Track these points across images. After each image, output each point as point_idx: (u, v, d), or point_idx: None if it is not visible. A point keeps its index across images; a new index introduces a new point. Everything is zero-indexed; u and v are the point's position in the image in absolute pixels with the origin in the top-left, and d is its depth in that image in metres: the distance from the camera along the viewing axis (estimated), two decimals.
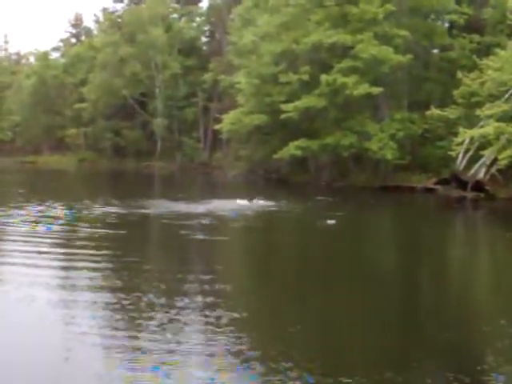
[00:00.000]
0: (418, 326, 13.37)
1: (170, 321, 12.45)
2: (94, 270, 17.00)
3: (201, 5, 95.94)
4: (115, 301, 13.76)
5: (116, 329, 11.98)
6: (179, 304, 13.68)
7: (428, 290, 17.74)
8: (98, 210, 30.85)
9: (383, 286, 17.23)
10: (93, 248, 20.20)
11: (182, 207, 32.77)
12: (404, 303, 15.63)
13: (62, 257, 19.40)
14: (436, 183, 50.49)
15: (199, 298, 14.23)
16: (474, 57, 52.04)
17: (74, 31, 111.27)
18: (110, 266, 17.87)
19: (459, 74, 50.73)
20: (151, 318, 12.56)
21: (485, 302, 16.66)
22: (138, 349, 10.82)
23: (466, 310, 15.40)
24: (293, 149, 54.84)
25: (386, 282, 17.87)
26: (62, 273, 17.31)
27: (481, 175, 47.48)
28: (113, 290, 14.79)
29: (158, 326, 12.02)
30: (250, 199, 35.97)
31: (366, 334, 12.62)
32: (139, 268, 17.16)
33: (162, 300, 13.84)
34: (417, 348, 11.86)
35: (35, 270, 16.78)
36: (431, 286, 18.13)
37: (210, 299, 14.10)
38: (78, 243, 21.32)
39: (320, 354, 11.13)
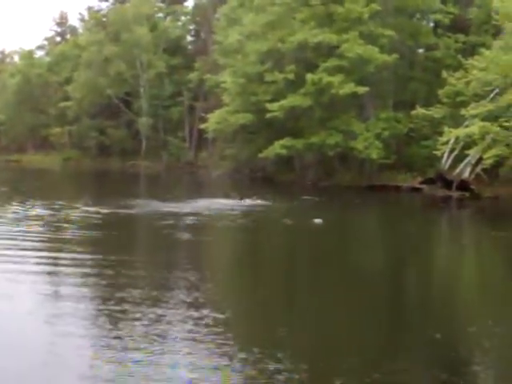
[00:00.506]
0: (405, 326, 13.32)
1: (156, 321, 12.36)
2: (76, 273, 16.63)
3: (186, 4, 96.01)
4: (99, 304, 13.60)
5: (101, 329, 11.86)
6: (165, 305, 13.59)
7: (414, 289, 17.72)
8: (80, 209, 30.32)
9: (370, 286, 17.18)
10: (73, 250, 19.72)
11: (167, 207, 32.55)
12: (391, 303, 15.59)
13: (42, 259, 18.49)
14: (421, 182, 50.55)
15: (186, 300, 14.12)
16: (459, 56, 52.10)
17: (58, 30, 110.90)
18: (92, 268, 17.42)
19: (444, 74, 50.85)
20: (137, 319, 12.44)
21: (471, 301, 16.64)
22: (124, 348, 10.72)
23: (453, 309, 15.35)
24: (278, 148, 54.82)
25: (372, 281, 17.81)
26: (43, 275, 16.72)
27: (466, 174, 47.60)
28: (97, 291, 14.64)
29: (144, 327, 11.90)
30: (241, 198, 35.88)
31: (353, 335, 12.57)
32: (121, 270, 16.74)
33: (148, 302, 13.63)
34: (404, 349, 11.82)
35: (12, 275, 15.98)
36: (417, 285, 18.12)
37: (196, 300, 13.99)
38: (57, 245, 20.90)
39: (307, 356, 11.04)
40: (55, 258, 18.73)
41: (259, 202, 35.98)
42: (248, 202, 35.61)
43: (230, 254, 23.12)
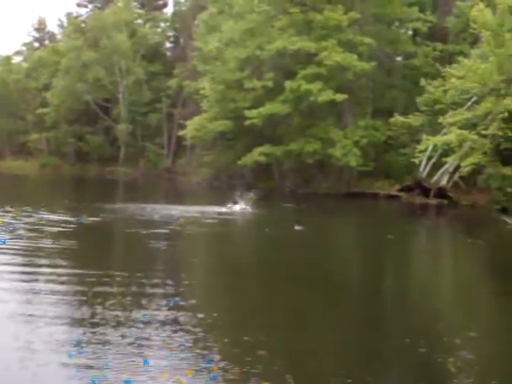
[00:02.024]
0: (382, 335, 13.31)
1: (132, 323, 12.29)
2: (46, 288, 15.72)
3: (165, 11, 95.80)
4: (70, 314, 13.41)
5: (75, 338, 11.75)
6: (140, 311, 13.52)
7: (391, 296, 17.70)
8: (54, 217, 29.41)
9: (346, 293, 17.21)
10: (41, 262, 18.91)
11: (145, 213, 32.47)
12: (368, 310, 15.53)
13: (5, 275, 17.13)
14: (399, 190, 50.75)
15: (161, 309, 14.04)
16: (438, 65, 52.41)
17: (37, 35, 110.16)
18: (65, 278, 16.74)
19: (423, 82, 51.07)
20: (113, 330, 12.34)
21: (447, 307, 16.66)
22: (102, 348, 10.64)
23: (429, 317, 15.37)
24: (257, 155, 54.85)
25: (348, 289, 17.85)
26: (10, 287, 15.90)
27: (444, 182, 47.84)
28: (68, 303, 14.41)
29: (121, 337, 11.79)
30: (233, 204, 35.72)
31: (330, 343, 12.51)
32: (94, 279, 16.33)
33: (122, 312, 13.40)
34: (380, 358, 11.79)
35: None
36: (394, 292, 18.13)
37: (172, 309, 13.88)
38: (28, 254, 19.99)
39: (282, 362, 10.99)
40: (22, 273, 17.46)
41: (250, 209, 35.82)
42: (237, 207, 35.43)
43: (205, 262, 23.02)
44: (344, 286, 18.03)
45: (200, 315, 13.28)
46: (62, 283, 16.03)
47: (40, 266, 18.43)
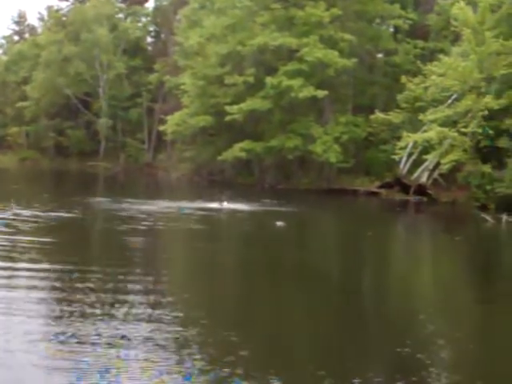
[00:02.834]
0: (360, 333, 13.29)
1: (112, 317, 12.25)
2: (24, 284, 15.61)
3: (147, 5, 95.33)
4: (47, 310, 13.31)
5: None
6: (119, 306, 13.49)
7: (369, 294, 17.75)
8: (31, 212, 28.83)
9: (326, 290, 17.21)
10: (20, 258, 18.66)
11: (124, 209, 32.32)
12: (346, 307, 15.57)
13: None
14: (379, 187, 50.87)
15: (140, 305, 14.00)
16: (419, 62, 52.56)
17: (17, 28, 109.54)
18: (42, 280, 16.24)
19: (403, 79, 51.25)
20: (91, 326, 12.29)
21: (423, 306, 16.69)
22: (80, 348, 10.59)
23: (406, 314, 15.43)
24: (237, 151, 54.78)
25: (329, 286, 17.88)
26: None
27: (424, 179, 48.01)
28: (44, 299, 14.25)
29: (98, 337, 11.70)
30: (221, 202, 35.46)
31: (307, 339, 12.50)
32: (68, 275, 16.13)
33: (99, 309, 13.23)
34: (358, 355, 11.80)
35: None
36: (373, 289, 18.19)
37: (149, 307, 13.81)
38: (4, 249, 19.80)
39: (255, 360, 10.97)
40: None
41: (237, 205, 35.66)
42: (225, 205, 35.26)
43: (186, 258, 22.99)
44: (323, 282, 18.03)
45: (177, 313, 13.27)
46: (39, 279, 15.88)
47: (16, 261, 18.26)
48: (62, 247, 21.34)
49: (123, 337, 11.29)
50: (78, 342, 10.88)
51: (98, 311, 12.89)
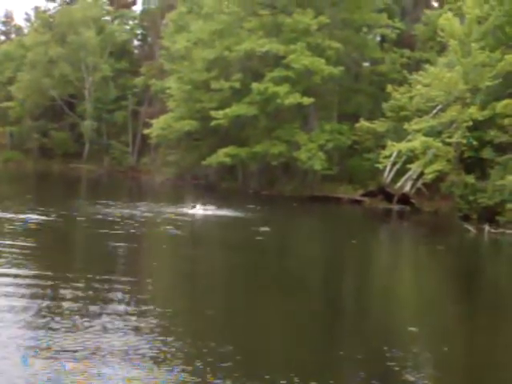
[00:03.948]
0: (337, 341, 13.32)
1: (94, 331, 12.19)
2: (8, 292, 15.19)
3: (134, 8, 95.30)
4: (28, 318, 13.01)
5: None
6: (99, 311, 13.42)
7: (352, 302, 17.79)
8: (10, 215, 28.07)
9: (309, 299, 17.18)
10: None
11: (106, 212, 32.18)
12: (326, 315, 15.58)
13: None
14: (363, 195, 50.96)
15: (121, 307, 13.95)
16: (405, 71, 52.76)
17: (3, 29, 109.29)
18: (21, 279, 16.11)
19: (389, 88, 51.36)
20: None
21: (404, 314, 16.74)
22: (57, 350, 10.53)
23: (387, 321, 15.46)
24: (222, 156, 54.77)
25: (312, 294, 17.89)
26: None
27: (407, 188, 48.14)
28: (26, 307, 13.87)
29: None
30: (193, 206, 35.21)
31: (288, 347, 12.47)
32: (49, 282, 15.92)
33: (79, 317, 13.03)
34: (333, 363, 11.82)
35: None
36: (355, 298, 18.23)
37: (131, 308, 13.77)
38: None
39: (233, 361, 10.95)
40: None
41: (214, 210, 35.44)
42: (199, 209, 34.96)
43: (166, 262, 22.92)
44: (306, 290, 18.02)
45: (159, 321, 13.20)
46: (19, 285, 15.54)
47: None
48: (40, 251, 21.01)
49: None
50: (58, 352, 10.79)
51: (75, 321, 12.76)
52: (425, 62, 52.72)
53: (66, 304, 13.81)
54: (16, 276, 16.29)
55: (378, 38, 63.17)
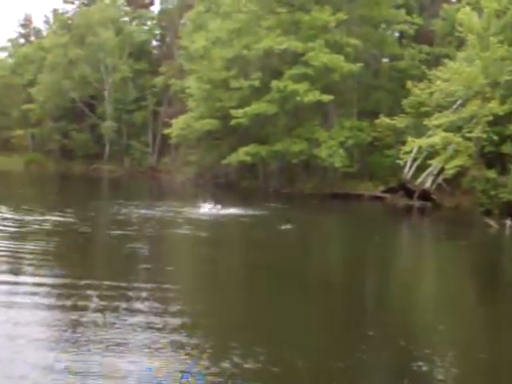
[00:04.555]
0: (363, 335, 13.31)
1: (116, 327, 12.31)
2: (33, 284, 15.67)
3: (152, 8, 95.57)
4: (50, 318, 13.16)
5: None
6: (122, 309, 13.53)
7: (375, 298, 17.78)
8: (33, 217, 28.14)
9: (332, 294, 17.24)
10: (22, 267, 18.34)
11: (127, 212, 32.25)
12: (351, 311, 15.58)
13: None
14: (384, 191, 50.88)
15: (146, 304, 14.07)
16: (424, 67, 52.61)
17: (22, 31, 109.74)
18: (45, 283, 16.00)
19: (408, 84, 51.20)
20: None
21: (428, 309, 16.73)
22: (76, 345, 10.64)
23: (413, 317, 15.48)
24: (242, 155, 54.84)
25: (335, 290, 17.90)
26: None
27: (428, 184, 48.00)
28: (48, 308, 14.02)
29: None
30: (213, 206, 34.97)
31: (309, 349, 12.40)
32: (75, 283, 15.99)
33: (101, 315, 13.11)
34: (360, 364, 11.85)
35: None
36: (374, 293, 18.23)
37: (157, 315, 13.85)
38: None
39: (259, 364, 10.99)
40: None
41: (234, 210, 35.34)
42: (220, 208, 34.71)
43: (191, 262, 22.98)
44: (330, 288, 18.01)
45: (184, 319, 13.28)
46: (44, 285, 15.60)
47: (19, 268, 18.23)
48: (62, 253, 21.11)
49: None
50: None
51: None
52: (444, 57, 52.51)
53: (91, 303, 13.92)
54: (41, 276, 16.48)
55: (397, 34, 63.00)
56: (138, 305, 13.98)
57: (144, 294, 15.06)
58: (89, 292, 14.79)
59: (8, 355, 10.36)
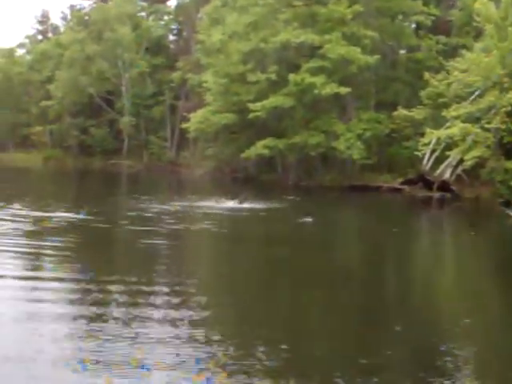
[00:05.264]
0: (385, 327, 13.33)
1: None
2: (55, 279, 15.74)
3: (169, 3, 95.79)
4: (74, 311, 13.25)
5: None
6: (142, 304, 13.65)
7: (396, 290, 17.78)
8: (55, 214, 27.70)
9: (353, 286, 17.28)
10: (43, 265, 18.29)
11: (145, 207, 32.25)
12: (371, 302, 15.59)
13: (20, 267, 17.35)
14: (402, 183, 50.81)
15: (166, 298, 14.18)
16: (441, 58, 52.50)
17: (40, 28, 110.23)
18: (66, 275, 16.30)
19: (426, 75, 51.08)
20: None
21: (449, 301, 16.73)
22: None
23: (431, 308, 15.50)
24: (260, 148, 54.91)
25: (356, 282, 17.95)
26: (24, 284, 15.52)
27: (447, 175, 47.91)
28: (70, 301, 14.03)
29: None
30: (234, 200, 34.87)
31: (331, 345, 12.23)
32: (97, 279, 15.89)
33: (119, 309, 13.23)
34: (380, 347, 11.88)
35: None
36: (400, 286, 18.22)
37: (174, 309, 13.94)
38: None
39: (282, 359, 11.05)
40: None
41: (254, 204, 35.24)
42: (239, 202, 34.55)
43: (214, 257, 23.07)
44: (353, 282, 18.02)
45: (205, 313, 13.38)
46: (65, 281, 15.71)
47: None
48: (82, 249, 21.04)
49: None
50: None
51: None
52: (461, 47, 52.41)
53: (113, 297, 14.05)
54: (62, 271, 16.63)
55: (414, 26, 62.79)
56: (158, 299, 14.08)
57: (164, 289, 15.16)
58: (110, 287, 14.88)
59: (30, 353, 10.42)
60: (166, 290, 15.12)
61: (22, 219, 25.91)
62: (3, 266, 16.78)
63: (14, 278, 15.71)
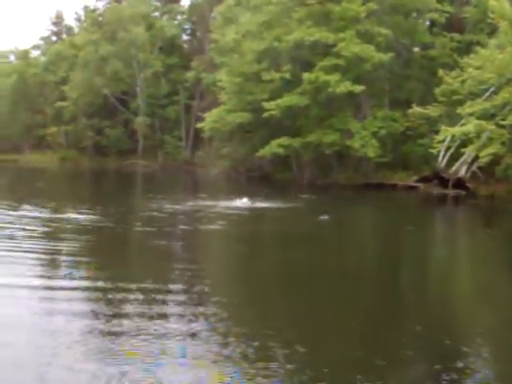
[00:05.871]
0: (400, 326, 13.39)
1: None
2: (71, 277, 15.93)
3: (182, 3, 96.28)
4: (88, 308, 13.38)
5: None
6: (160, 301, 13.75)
7: (409, 287, 17.77)
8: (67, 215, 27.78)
9: (369, 285, 17.27)
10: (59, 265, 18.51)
11: (161, 207, 32.32)
12: (387, 301, 15.63)
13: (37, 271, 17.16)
14: (417, 181, 50.75)
15: (184, 297, 14.28)
16: (455, 55, 52.39)
17: (54, 29, 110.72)
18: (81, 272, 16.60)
19: (440, 72, 50.97)
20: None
21: (465, 300, 16.75)
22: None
23: (446, 306, 15.51)
24: (275, 147, 54.92)
25: (371, 280, 17.91)
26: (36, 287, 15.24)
27: (462, 173, 47.84)
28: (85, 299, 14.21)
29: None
30: (249, 199, 34.73)
31: (346, 346, 12.23)
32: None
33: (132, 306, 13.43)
34: (396, 345, 11.93)
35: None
36: (411, 281, 18.21)
37: (194, 297, 14.07)
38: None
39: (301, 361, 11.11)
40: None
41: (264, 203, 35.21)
42: (255, 201, 34.57)
43: (231, 255, 23.15)
44: (370, 281, 17.97)
45: (222, 310, 13.48)
46: (83, 280, 15.80)
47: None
48: (97, 250, 21.21)
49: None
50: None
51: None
52: (475, 44, 52.25)
53: (130, 295, 14.13)
54: (79, 272, 16.71)
55: (428, 23, 62.61)
56: (175, 298, 14.20)
57: (180, 288, 15.31)
58: (127, 286, 15.00)
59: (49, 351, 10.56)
60: (181, 288, 15.31)
61: (38, 221, 26.02)
62: (19, 268, 16.85)
63: (29, 278, 15.71)
